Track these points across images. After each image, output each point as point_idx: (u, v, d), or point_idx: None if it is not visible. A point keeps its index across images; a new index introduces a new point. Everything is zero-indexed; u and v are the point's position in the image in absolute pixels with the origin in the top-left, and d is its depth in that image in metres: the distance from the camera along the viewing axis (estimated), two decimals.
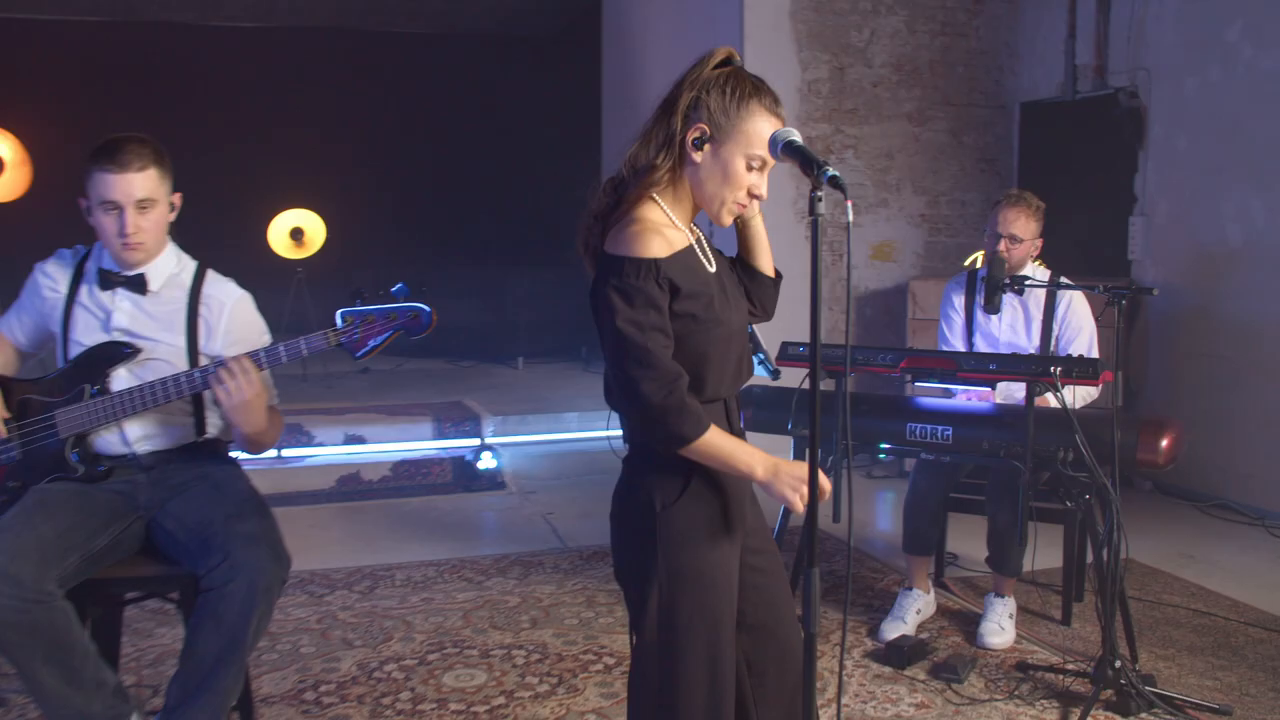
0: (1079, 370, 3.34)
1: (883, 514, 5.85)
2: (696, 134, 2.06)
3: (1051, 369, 3.36)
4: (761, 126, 2.08)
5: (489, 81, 11.15)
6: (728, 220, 2.17)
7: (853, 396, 3.79)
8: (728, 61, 2.13)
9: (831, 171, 1.93)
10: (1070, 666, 3.71)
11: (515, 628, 4.10)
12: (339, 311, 2.63)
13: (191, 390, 2.69)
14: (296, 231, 8.68)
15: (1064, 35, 6.76)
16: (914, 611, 4.02)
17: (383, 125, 11.38)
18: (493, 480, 6.25)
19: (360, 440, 6.50)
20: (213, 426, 2.93)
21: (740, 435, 2.21)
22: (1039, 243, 4.09)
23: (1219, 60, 5.80)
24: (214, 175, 10.52)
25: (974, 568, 4.69)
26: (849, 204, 1.90)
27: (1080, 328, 4.06)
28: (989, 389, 3.82)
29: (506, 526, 5.58)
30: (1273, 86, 5.52)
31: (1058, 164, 6.91)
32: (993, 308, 3.82)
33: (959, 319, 4.25)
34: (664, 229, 2.03)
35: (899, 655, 3.72)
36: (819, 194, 1.94)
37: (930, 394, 4.19)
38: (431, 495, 6.08)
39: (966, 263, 6.40)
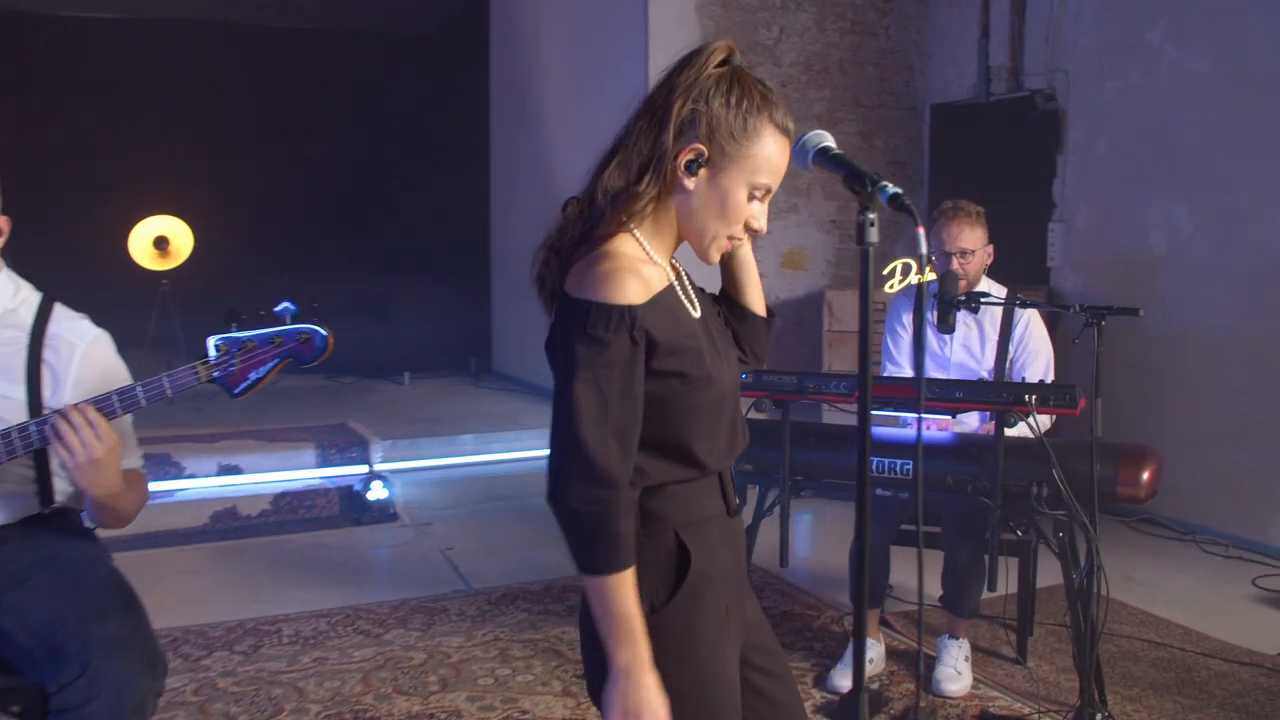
0: (1056, 398, 3.04)
1: (801, 538, 5.53)
2: (692, 155, 1.65)
3: (1026, 397, 3.04)
4: (771, 149, 1.70)
5: (370, 80, 10.55)
6: (716, 257, 1.76)
7: (797, 427, 3.43)
8: (725, 59, 1.71)
9: (892, 189, 1.54)
10: (1041, 718, 3.41)
11: (423, 691, 3.63)
12: (211, 339, 2.13)
13: (28, 448, 2.16)
14: (161, 240, 7.98)
15: (977, 36, 6.55)
16: (866, 662, 3.67)
17: (255, 125, 10.69)
18: (384, 512, 5.73)
19: (236, 470, 5.90)
20: (61, 494, 2.38)
21: (736, 511, 1.80)
22: (991, 249, 3.80)
23: (1141, 62, 5.63)
24: (69, 179, 9.76)
25: (912, 599, 4.38)
26: (920, 231, 1.50)
27: (1038, 350, 3.78)
28: (948, 417, 3.50)
29: (403, 565, 5.08)
30: (1197, 89, 5.37)
31: (971, 168, 6.69)
32: (946, 327, 3.50)
33: (906, 337, 3.93)
34: (641, 266, 1.62)
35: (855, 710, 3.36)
36: (870, 216, 1.55)
37: (881, 422, 3.85)
38: (318, 531, 5.54)
39: (886, 271, 6.14)
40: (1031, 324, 3.79)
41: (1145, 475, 3.14)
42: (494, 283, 9.00)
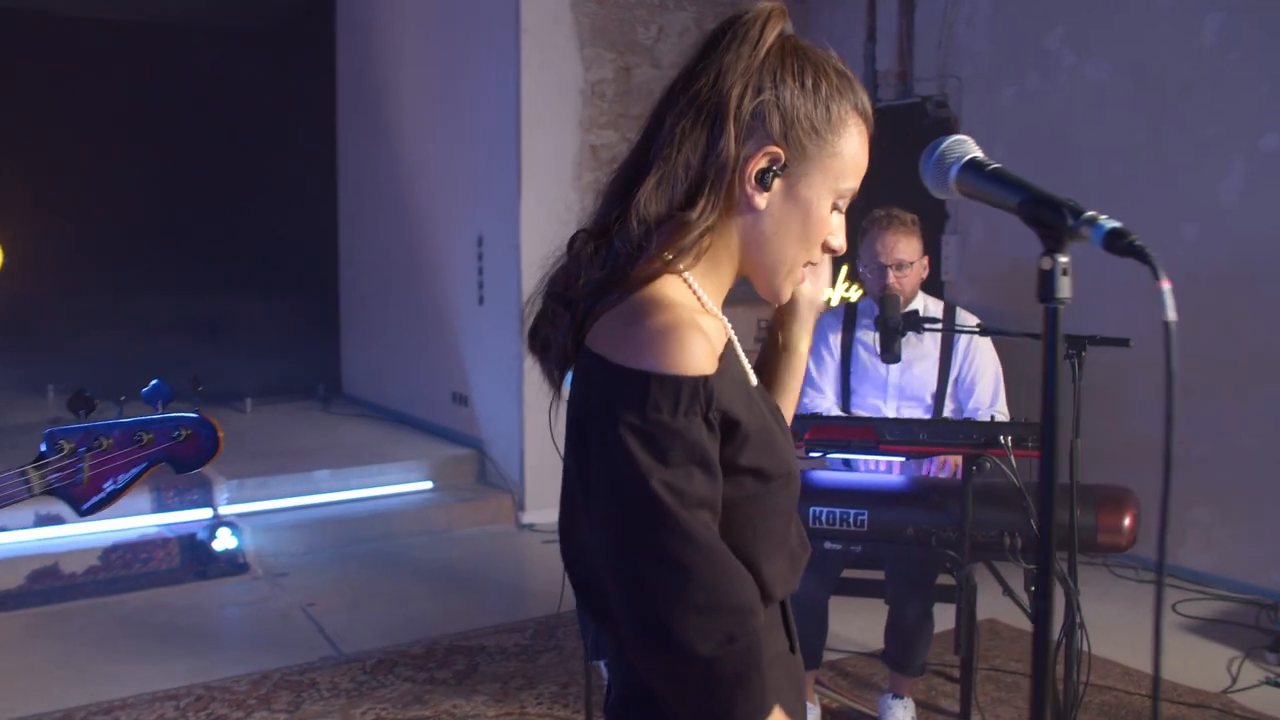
0: (1034, 439, 2.69)
1: None
2: (765, 163, 1.20)
3: (1001, 438, 2.69)
4: (858, 144, 1.27)
5: (206, 78, 9.69)
6: (789, 293, 1.31)
7: None
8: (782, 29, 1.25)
9: (1109, 224, 1.18)
10: None
11: None
12: (48, 432, 1.57)
13: None
14: None
15: (862, 39, 6.28)
16: None
17: (74, 127, 9.69)
18: (233, 563, 5.08)
19: (56, 521, 5.14)
20: None
21: (795, 648, 1.34)
22: (926, 261, 3.46)
23: (1039, 68, 5.43)
24: None
25: (848, 648, 4.03)
26: (1162, 285, 1.08)
27: (985, 368, 3.45)
28: (900, 459, 3.13)
29: (259, 627, 4.46)
30: (1097, 96, 5.19)
31: (868, 182, 6.41)
32: (892, 356, 3.12)
33: (833, 362, 3.55)
34: (700, 319, 1.14)
35: None
36: (1063, 262, 1.14)
37: (813, 465, 3.46)
38: (157, 588, 4.85)
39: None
40: (976, 340, 3.47)
41: (1126, 521, 2.82)
42: (343, 300, 8.34)
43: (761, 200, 1.20)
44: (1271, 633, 4.10)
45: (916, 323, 3.10)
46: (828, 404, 3.49)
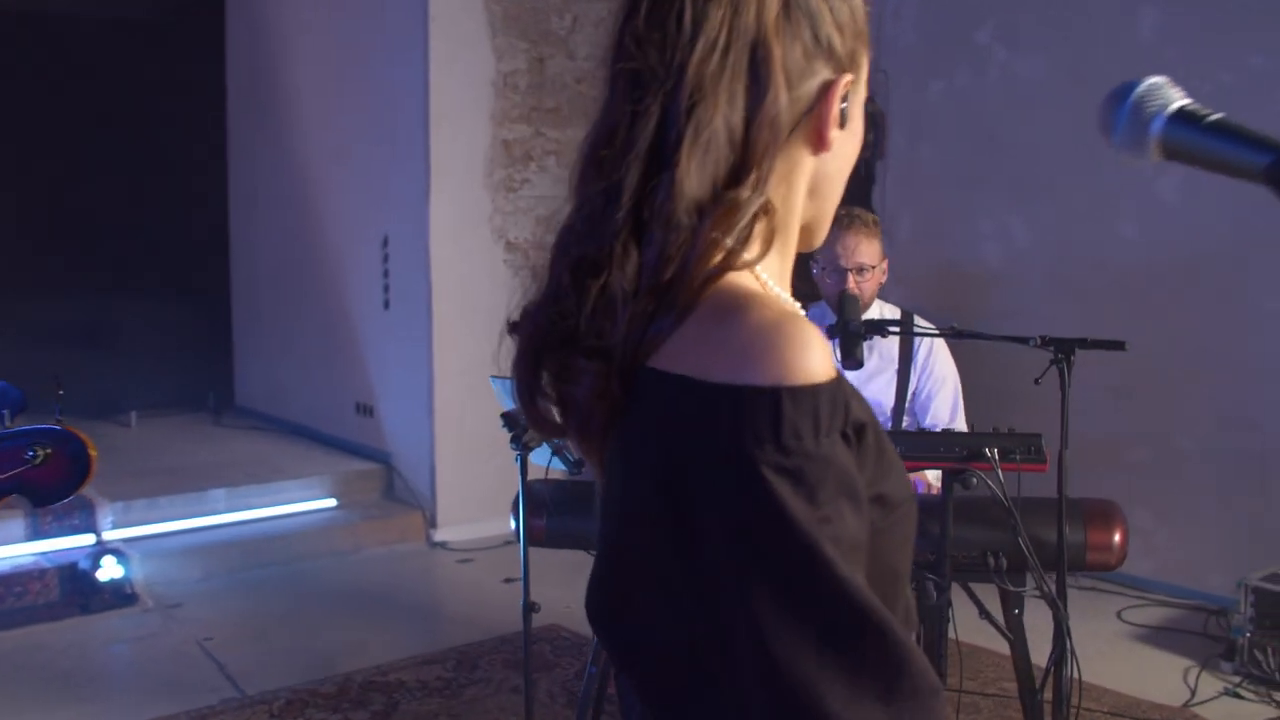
0: (1021, 451, 2.48)
1: None
2: (844, 94, 0.92)
3: (987, 451, 2.46)
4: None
5: (86, 70, 9.06)
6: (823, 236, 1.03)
7: None
8: None
9: None
10: None
11: None
12: None
13: None
14: None
15: None
16: None
17: None
18: (120, 594, 4.62)
19: None
20: None
21: None
22: (886, 265, 3.25)
23: (968, 63, 5.29)
24: None
25: None
26: None
27: (944, 377, 3.26)
28: None
29: (151, 666, 4.05)
30: (1030, 92, 5.06)
31: None
32: (854, 362, 2.88)
33: None
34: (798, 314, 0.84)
35: None
36: None
37: None
38: (34, 625, 4.39)
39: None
40: (935, 347, 3.27)
41: (1117, 538, 2.64)
42: (235, 304, 7.86)
43: (836, 139, 0.92)
44: (1223, 640, 3.99)
45: (880, 326, 2.87)
46: None
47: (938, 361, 3.25)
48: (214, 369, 7.91)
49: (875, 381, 3.23)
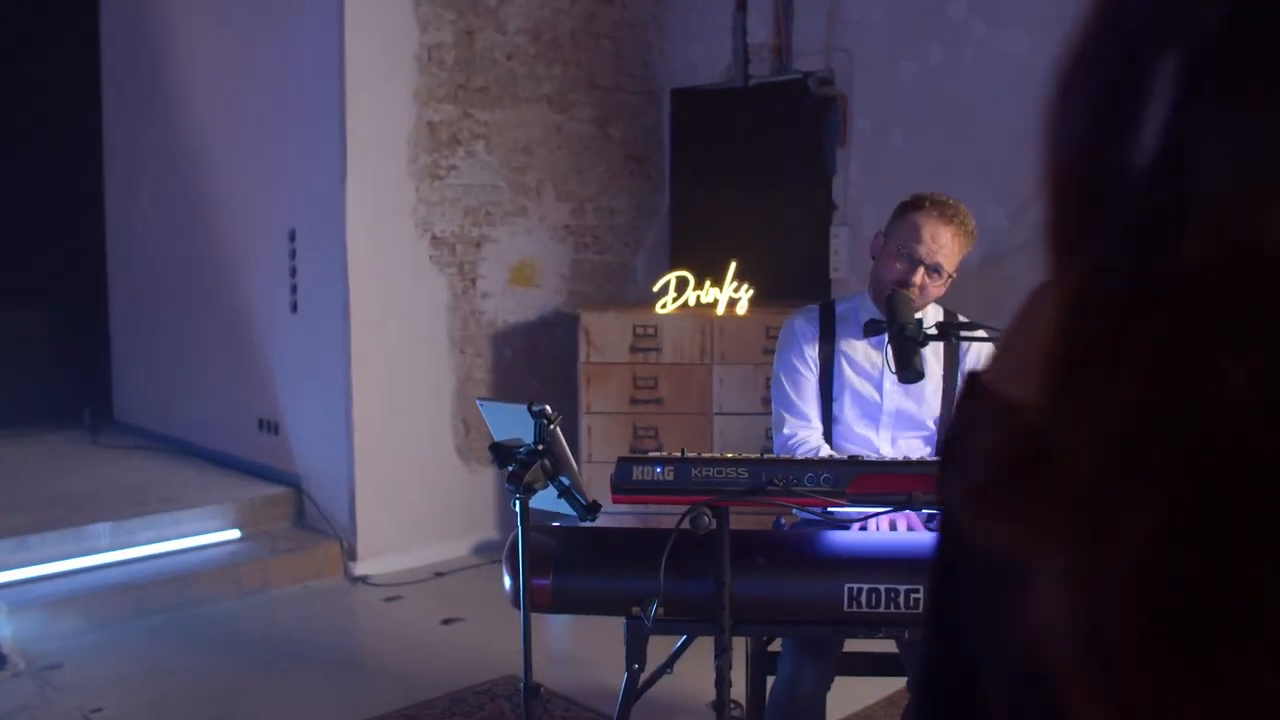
0: None
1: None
2: None
3: None
4: None
5: None
6: None
7: (740, 541, 2.19)
8: None
9: None
10: None
11: None
12: None
13: None
14: None
15: (731, 8, 5.59)
16: None
17: None
18: None
19: None
20: None
21: None
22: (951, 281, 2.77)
23: (942, 40, 4.87)
24: None
25: None
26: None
27: None
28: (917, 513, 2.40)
29: None
30: (1011, 72, 4.65)
31: (728, 165, 5.73)
32: (913, 374, 2.39)
33: (811, 378, 2.80)
34: None
35: None
36: None
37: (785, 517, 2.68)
38: None
39: (656, 287, 5.05)
40: (985, 353, 2.80)
41: None
42: (113, 308, 7.03)
43: None
44: None
45: (948, 330, 2.38)
46: (818, 437, 2.75)
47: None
48: (89, 381, 7.08)
49: (923, 388, 2.74)
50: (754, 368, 4.91)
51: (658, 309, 4.96)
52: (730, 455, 2.12)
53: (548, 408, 2.09)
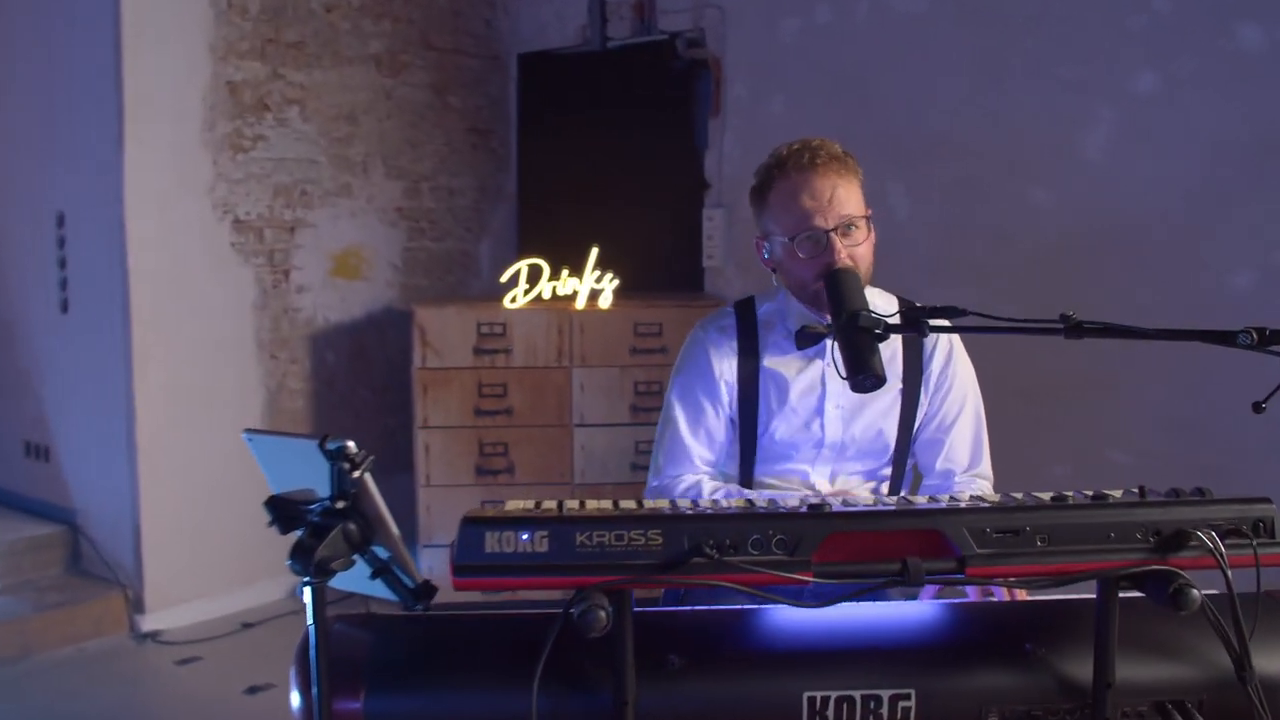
0: (1259, 531, 1.40)
1: None
2: None
3: (1201, 536, 1.37)
4: None
5: None
6: None
7: (643, 632, 1.49)
8: None
9: None
10: None
11: None
12: None
13: None
14: None
15: None
16: None
17: None
18: None
19: None
20: None
21: None
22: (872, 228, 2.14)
23: None
24: None
25: None
26: None
27: (965, 396, 2.18)
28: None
29: None
30: (910, 32, 4.10)
31: (583, 139, 5.03)
32: (873, 379, 1.73)
33: (719, 413, 2.14)
34: None
35: None
36: None
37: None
38: None
39: (504, 278, 4.27)
40: (955, 352, 2.18)
41: None
42: None
43: None
44: None
45: (916, 318, 1.73)
46: (713, 482, 2.10)
47: (956, 373, 2.17)
48: None
49: (874, 406, 2.10)
50: (620, 370, 4.23)
51: (506, 303, 4.23)
52: (631, 506, 1.43)
53: (350, 445, 1.35)
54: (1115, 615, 1.42)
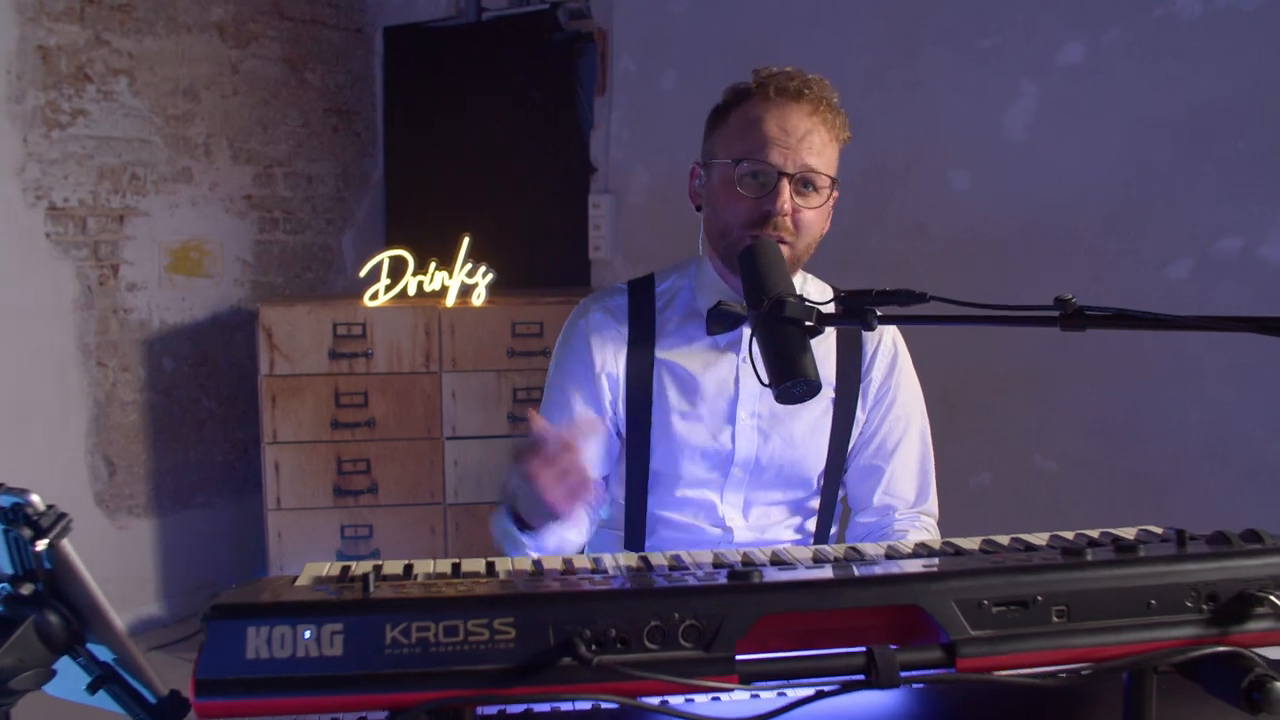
0: None
1: None
2: None
3: (1263, 598, 0.98)
4: None
5: None
6: None
7: None
8: None
9: None
10: None
11: None
12: None
13: None
14: None
15: None
16: None
17: None
18: None
19: None
20: None
21: None
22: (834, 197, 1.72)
23: None
24: None
25: None
26: None
27: (911, 413, 1.79)
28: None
29: None
30: (815, 1, 3.73)
31: (454, 120, 4.56)
32: (806, 385, 1.32)
33: (605, 399, 1.70)
34: None
35: None
36: None
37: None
38: None
39: (364, 273, 3.74)
40: (900, 358, 1.78)
41: None
42: None
43: None
44: None
45: (860, 305, 1.32)
46: (576, 528, 1.65)
47: (901, 384, 1.77)
48: None
49: (799, 418, 1.69)
50: (497, 375, 3.77)
51: (366, 301, 3.73)
52: (477, 571, 0.99)
53: (35, 499, 0.89)
54: (1151, 713, 1.02)
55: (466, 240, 3.80)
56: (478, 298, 3.79)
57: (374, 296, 3.74)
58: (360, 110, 4.76)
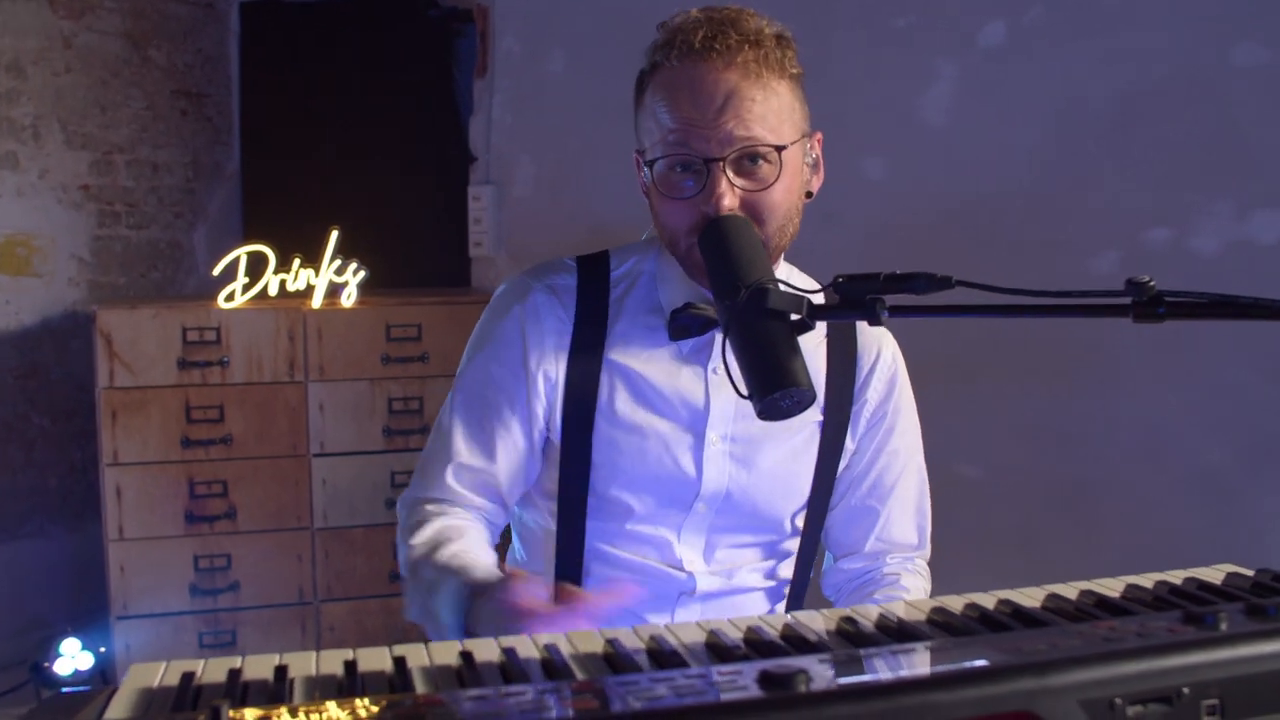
0: None
1: None
2: None
3: None
4: None
5: None
6: None
7: None
8: None
9: None
10: None
11: None
12: None
13: None
14: None
15: None
16: None
17: None
18: None
19: None
20: None
21: None
22: (818, 150, 1.41)
23: None
24: None
25: None
26: None
27: (912, 446, 1.51)
28: None
29: None
30: None
31: (318, 105, 4.16)
32: (799, 397, 1.03)
33: (538, 402, 1.37)
34: None
35: None
36: None
37: None
38: None
39: (217, 270, 3.29)
40: (900, 376, 1.50)
41: None
42: None
43: None
44: None
45: (862, 297, 1.04)
46: (475, 527, 1.32)
47: (903, 408, 1.49)
48: None
49: (780, 443, 1.39)
50: (370, 384, 3.41)
51: (220, 302, 3.32)
52: (379, 669, 0.68)
53: None
54: None
55: (334, 234, 3.42)
56: (347, 298, 3.42)
57: (230, 297, 3.33)
58: (212, 93, 4.32)
